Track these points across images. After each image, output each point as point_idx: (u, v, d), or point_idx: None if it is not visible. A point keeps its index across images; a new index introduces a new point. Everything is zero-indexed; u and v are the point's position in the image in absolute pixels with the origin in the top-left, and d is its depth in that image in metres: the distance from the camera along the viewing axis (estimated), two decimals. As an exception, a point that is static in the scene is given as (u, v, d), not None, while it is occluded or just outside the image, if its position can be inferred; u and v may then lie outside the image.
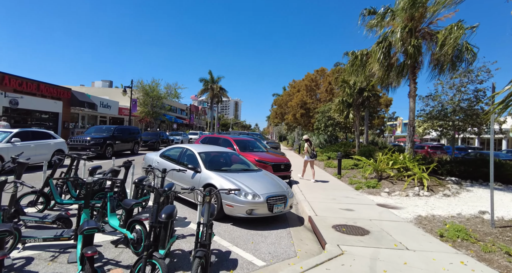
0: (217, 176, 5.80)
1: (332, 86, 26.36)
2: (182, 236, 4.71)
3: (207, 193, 3.26)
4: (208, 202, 3.24)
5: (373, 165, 10.64)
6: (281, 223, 5.83)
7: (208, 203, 3.25)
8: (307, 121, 30.11)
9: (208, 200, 3.24)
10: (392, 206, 7.37)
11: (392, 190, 9.10)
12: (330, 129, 22.96)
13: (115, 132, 16.62)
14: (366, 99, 17.87)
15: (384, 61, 11.53)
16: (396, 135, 56.74)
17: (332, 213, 6.39)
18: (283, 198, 5.72)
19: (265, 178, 6.32)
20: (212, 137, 11.84)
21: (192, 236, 4.69)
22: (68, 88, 22.99)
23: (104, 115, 33.03)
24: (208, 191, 3.28)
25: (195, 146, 7.17)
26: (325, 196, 8.22)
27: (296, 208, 7.23)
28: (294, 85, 32.87)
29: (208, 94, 55.04)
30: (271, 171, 9.26)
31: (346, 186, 10.08)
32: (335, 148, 20.97)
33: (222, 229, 5.18)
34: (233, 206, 5.28)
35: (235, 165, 7.00)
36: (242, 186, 5.51)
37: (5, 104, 17.88)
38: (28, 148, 10.19)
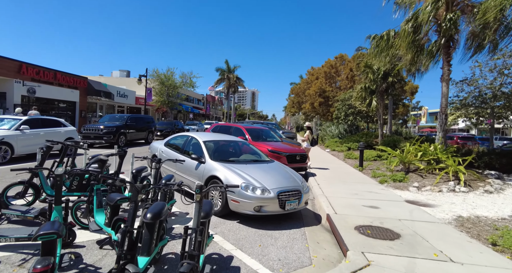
0: (222, 167, 5.14)
1: (354, 73, 24.90)
2: (180, 235, 4.10)
3: (198, 189, 2.58)
4: (199, 201, 2.57)
5: (399, 157, 9.62)
6: (295, 222, 5.12)
7: (199, 203, 2.57)
8: (326, 110, 28.87)
9: (198, 198, 2.56)
10: (424, 203, 6.45)
11: (422, 185, 8.12)
12: (351, 118, 21.75)
13: (128, 121, 16.40)
14: (390, 85, 16.52)
15: (413, 41, 10.30)
16: (420, 125, 53.99)
17: (354, 210, 5.59)
18: (297, 193, 4.99)
19: (277, 170, 5.60)
20: (223, 125, 11.20)
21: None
22: (84, 77, 23.05)
23: (122, 104, 33.28)
24: (199, 187, 2.60)
25: (201, 134, 6.53)
26: (346, 190, 7.40)
27: (312, 204, 6.49)
28: (312, 73, 31.50)
29: (225, 84, 54.39)
30: (285, 162, 8.52)
31: (369, 179, 9.18)
32: (356, 138, 19.83)
33: (227, 227, 4.54)
34: (239, 201, 4.62)
35: (245, 155, 6.31)
36: (249, 179, 4.82)
37: (23, 93, 18.07)
38: (37, 135, 9.99)
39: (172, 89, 29.88)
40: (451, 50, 9.93)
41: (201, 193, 2.56)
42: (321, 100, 28.15)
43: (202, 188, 2.59)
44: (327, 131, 25.39)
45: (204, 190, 2.62)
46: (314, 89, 28.41)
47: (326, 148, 20.44)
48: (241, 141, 6.82)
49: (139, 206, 2.77)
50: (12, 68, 17.34)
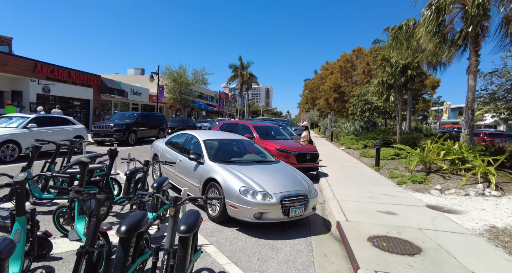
0: (221, 168, 4.71)
1: (370, 67, 23.83)
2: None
3: (171, 202, 2.14)
4: (173, 216, 2.14)
5: (419, 155, 8.87)
6: (301, 229, 4.62)
7: (173, 218, 2.14)
8: (341, 106, 27.91)
9: (172, 212, 2.13)
10: (448, 208, 5.78)
11: (445, 187, 7.39)
12: (367, 114, 20.81)
13: (138, 119, 16.31)
14: (409, 79, 15.53)
15: (436, 30, 9.45)
16: (442, 121, 51.60)
17: (368, 217, 5.02)
18: (303, 198, 4.48)
19: (282, 171, 5.11)
20: (231, 122, 10.79)
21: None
22: (97, 75, 23.28)
23: (136, 102, 33.61)
24: (173, 199, 2.16)
25: (202, 132, 6.12)
26: (360, 192, 6.81)
27: (322, 208, 5.96)
28: (327, 68, 30.52)
29: (238, 81, 54.04)
30: (294, 161, 8.01)
31: (385, 180, 8.51)
32: (373, 135, 18.95)
33: (224, 236, 4.11)
34: (238, 207, 4.17)
35: (248, 155, 5.85)
36: (250, 183, 4.36)
37: (38, 91, 18.38)
38: (45, 133, 9.93)
39: (184, 86, 29.78)
40: (479, 38, 9.02)
41: (175, 206, 2.13)
42: (336, 96, 27.22)
43: (177, 200, 2.15)
44: (342, 128, 24.51)
45: (179, 203, 2.18)
46: (328, 85, 27.50)
47: (341, 146, 19.67)
48: (246, 140, 6.36)
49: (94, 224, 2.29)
50: (27, 67, 17.64)
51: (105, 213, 2.17)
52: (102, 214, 2.15)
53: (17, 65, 16.94)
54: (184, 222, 2.50)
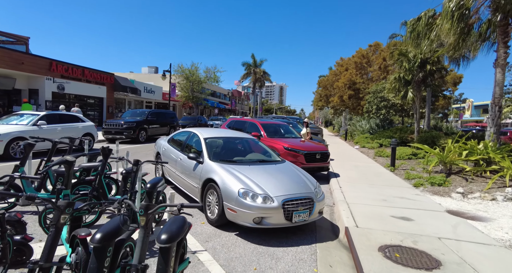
0: (221, 169, 4.40)
1: (387, 62, 22.91)
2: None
3: (142, 210, 1.84)
4: (144, 226, 1.84)
5: (439, 156, 8.27)
6: (306, 235, 4.26)
7: (144, 228, 1.84)
8: (356, 103, 27.08)
9: (143, 222, 1.83)
10: (472, 215, 5.24)
11: (468, 190, 6.80)
12: (383, 112, 20.01)
13: (148, 116, 16.32)
14: (429, 74, 14.70)
15: (459, 21, 8.77)
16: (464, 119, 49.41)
17: (380, 223, 4.59)
18: (308, 202, 4.12)
19: (287, 172, 4.75)
20: (238, 120, 10.49)
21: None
22: (111, 74, 23.55)
23: (150, 100, 33.95)
24: (144, 207, 1.86)
25: (204, 130, 5.85)
26: (373, 195, 6.35)
27: (331, 211, 5.56)
28: (341, 64, 29.67)
29: (251, 79, 53.75)
30: (303, 161, 7.63)
31: (401, 181, 7.97)
32: (389, 133, 18.19)
33: (221, 242, 3.80)
34: (237, 211, 3.86)
35: (252, 154, 5.52)
36: (250, 184, 4.04)
37: (54, 89, 18.75)
38: (54, 131, 9.98)
39: (196, 84, 29.76)
40: (509, 28, 8.28)
41: (146, 215, 1.83)
42: (350, 92, 26.41)
43: (148, 208, 1.85)
44: (356, 126, 23.75)
45: (151, 211, 1.88)
46: (343, 81, 26.71)
47: (356, 144, 19.01)
48: (250, 138, 6.03)
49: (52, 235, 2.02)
50: (43, 66, 18.00)
51: (66, 221, 1.90)
52: (63, 223, 1.88)
53: (33, 64, 17.30)
54: (165, 230, 2.21)
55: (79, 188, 4.44)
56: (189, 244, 3.61)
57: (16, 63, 16.18)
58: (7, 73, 16.55)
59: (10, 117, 9.85)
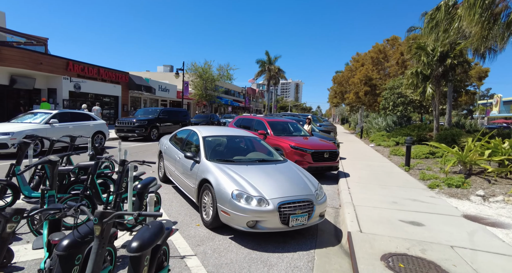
0: (216, 168, 4.22)
1: (405, 57, 21.96)
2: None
3: (96, 219, 1.67)
4: (98, 236, 1.67)
5: (457, 155, 7.73)
6: (305, 240, 4.01)
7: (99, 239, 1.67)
8: (373, 100, 26.21)
9: (98, 232, 1.66)
10: (493, 221, 4.80)
11: (490, 193, 6.29)
12: (400, 109, 19.21)
13: (160, 115, 16.46)
14: (449, 69, 13.87)
15: (483, 9, 8.13)
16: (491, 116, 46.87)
17: (387, 228, 4.27)
18: (307, 205, 3.87)
19: (287, 172, 4.51)
20: (246, 118, 10.31)
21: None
22: (125, 72, 23.97)
23: (165, 98, 34.40)
24: (99, 215, 1.69)
25: (204, 128, 5.69)
26: (383, 197, 5.99)
27: (335, 214, 5.27)
28: (357, 59, 28.79)
29: (265, 76, 53.41)
30: (310, 160, 7.34)
31: (415, 182, 7.51)
32: (406, 131, 17.43)
33: (213, 245, 3.63)
34: (230, 214, 3.67)
35: (253, 153, 5.31)
36: (245, 186, 3.83)
37: (70, 88, 19.28)
38: (66, 129, 10.17)
39: (210, 82, 29.82)
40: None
41: (100, 223, 1.66)
42: (366, 89, 25.58)
43: (103, 216, 1.68)
44: (372, 124, 22.98)
45: (106, 220, 1.70)
46: (358, 77, 25.91)
47: (371, 143, 18.38)
48: (253, 137, 5.82)
49: None
50: (60, 66, 18.54)
51: (14, 230, 1.76)
52: (10, 232, 1.75)
53: (51, 64, 17.84)
54: (137, 237, 2.05)
55: (75, 187, 4.40)
56: (179, 248, 3.46)
57: (35, 64, 16.74)
58: (28, 73, 17.14)
59: (25, 116, 10.14)
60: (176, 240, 3.65)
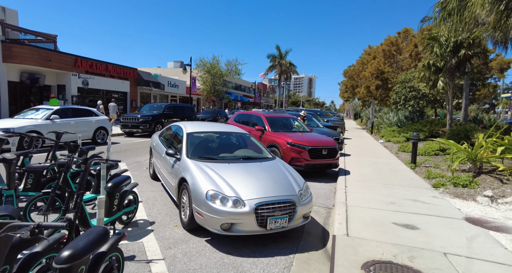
0: (195, 167, 4.03)
1: (419, 49, 21.01)
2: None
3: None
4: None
5: (466, 152, 7.24)
6: (288, 243, 3.77)
7: None
8: (384, 94, 25.34)
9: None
10: (498, 224, 4.39)
11: (499, 193, 5.83)
12: (412, 103, 18.43)
13: (165, 110, 16.44)
14: (464, 60, 13.09)
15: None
16: (513, 110, 44.53)
17: (378, 231, 3.96)
18: (288, 206, 3.62)
19: (271, 171, 4.26)
20: (245, 113, 10.08)
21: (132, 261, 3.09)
22: (134, 69, 24.13)
23: (174, 94, 34.55)
24: None
25: (191, 124, 5.50)
26: (381, 196, 5.65)
27: (327, 215, 4.99)
28: (369, 52, 27.84)
29: (276, 71, 52.77)
30: (307, 157, 7.06)
31: (420, 181, 7.09)
32: (418, 126, 16.73)
33: (186, 249, 3.44)
34: (204, 215, 3.47)
35: (240, 151, 5.08)
36: (221, 185, 3.62)
37: (79, 85, 19.57)
38: (67, 125, 10.26)
39: (218, 78, 29.65)
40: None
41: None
42: (378, 83, 24.74)
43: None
44: (383, 119, 22.25)
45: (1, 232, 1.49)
46: (370, 71, 25.08)
47: (381, 138, 17.78)
48: (242, 133, 5.58)
49: None
50: (69, 62, 18.81)
51: None
52: None
53: (60, 61, 18.12)
54: (69, 246, 1.86)
55: (52, 185, 4.32)
56: (148, 251, 3.30)
57: (44, 60, 17.03)
58: (37, 70, 17.48)
59: (28, 111, 10.27)
60: (148, 242, 3.49)
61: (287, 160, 7.26)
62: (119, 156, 9.09)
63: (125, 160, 8.46)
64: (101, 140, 11.71)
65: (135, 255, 3.14)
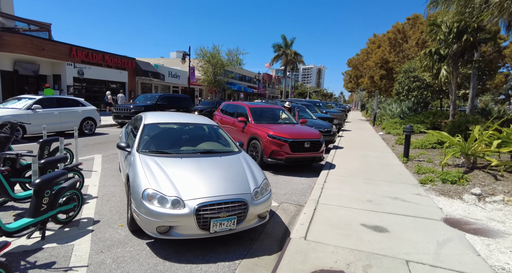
0: (140, 161, 3.69)
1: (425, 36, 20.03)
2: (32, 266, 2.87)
3: None
4: None
5: (459, 145, 6.73)
6: (239, 246, 3.45)
7: None
8: (389, 85, 24.48)
9: None
10: (478, 226, 3.97)
11: (489, 191, 5.37)
12: (415, 94, 17.68)
13: (159, 101, 16.15)
14: (470, 46, 12.27)
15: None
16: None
17: (340, 234, 3.60)
18: (237, 206, 3.27)
19: (228, 166, 3.90)
20: (231, 104, 9.67)
21: (49, 269, 2.81)
22: (132, 58, 23.82)
23: (176, 85, 34.24)
24: None
25: (154, 114, 5.17)
26: (360, 193, 5.26)
27: (296, 213, 4.64)
28: (373, 41, 26.78)
29: (282, 61, 51.76)
30: (288, 150, 6.69)
31: (408, 176, 6.64)
32: (420, 118, 16.08)
33: (119, 253, 3.13)
34: (140, 216, 3.15)
35: (204, 144, 4.72)
36: (162, 183, 3.28)
37: (74, 74, 19.41)
38: (50, 115, 10.06)
39: (219, 68, 29.09)
40: None
41: None
42: (382, 72, 23.85)
43: None
44: (386, 110, 21.50)
45: None
46: (374, 60, 24.17)
47: (381, 130, 17.18)
48: (210, 124, 5.21)
49: None
50: (64, 52, 18.60)
51: None
52: None
53: (54, 50, 17.92)
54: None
55: None
56: (75, 255, 3.00)
57: (37, 49, 16.84)
58: (31, 59, 17.33)
59: (10, 101, 10.08)
60: (80, 245, 3.20)
61: (267, 153, 6.90)
62: (100, 148, 8.87)
63: (104, 152, 8.23)
64: (88, 130, 11.52)
65: (55, 261, 2.85)
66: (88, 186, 5.19)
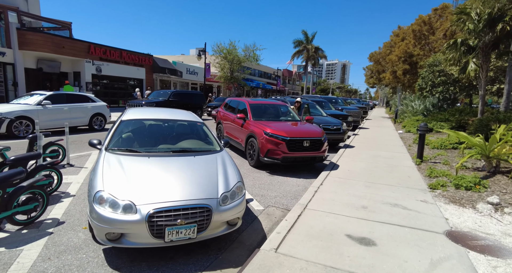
0: (102, 160, 3.46)
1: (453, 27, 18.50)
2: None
3: None
4: None
5: (480, 147, 5.95)
6: (203, 255, 3.13)
7: None
8: (413, 80, 23.00)
9: None
10: (488, 243, 3.37)
11: (510, 200, 4.66)
12: (440, 89, 16.39)
13: (171, 97, 16.20)
14: (503, 36, 11.03)
15: None
16: None
17: (318, 246, 3.17)
18: (198, 213, 2.95)
19: (197, 168, 3.57)
20: (233, 100, 9.35)
21: None
22: (149, 55, 24.16)
23: (195, 81, 34.48)
24: None
25: (135, 110, 4.94)
26: (355, 198, 4.75)
27: (280, 218, 4.24)
28: (397, 33, 25.25)
29: (303, 56, 50.57)
30: (285, 149, 6.27)
31: (417, 179, 5.99)
32: (445, 115, 14.94)
33: (68, 260, 2.89)
34: (90, 221, 2.92)
35: (184, 142, 4.42)
36: (117, 186, 3.02)
37: (93, 71, 19.97)
38: (60, 111, 10.28)
39: (235, 64, 28.86)
40: None
41: None
42: (406, 67, 22.43)
43: None
44: (408, 107, 20.24)
45: None
46: (397, 54, 22.77)
47: (401, 128, 16.16)
48: (192, 121, 4.89)
49: None
50: (82, 49, 19.17)
51: None
52: None
53: (73, 48, 18.51)
54: None
55: None
56: (19, 263, 2.79)
57: (57, 47, 17.45)
58: (52, 57, 18.00)
59: (23, 97, 10.39)
60: (30, 250, 3.01)
61: (263, 152, 6.52)
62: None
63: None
64: (98, 126, 11.70)
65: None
66: (71, 183, 5.10)
